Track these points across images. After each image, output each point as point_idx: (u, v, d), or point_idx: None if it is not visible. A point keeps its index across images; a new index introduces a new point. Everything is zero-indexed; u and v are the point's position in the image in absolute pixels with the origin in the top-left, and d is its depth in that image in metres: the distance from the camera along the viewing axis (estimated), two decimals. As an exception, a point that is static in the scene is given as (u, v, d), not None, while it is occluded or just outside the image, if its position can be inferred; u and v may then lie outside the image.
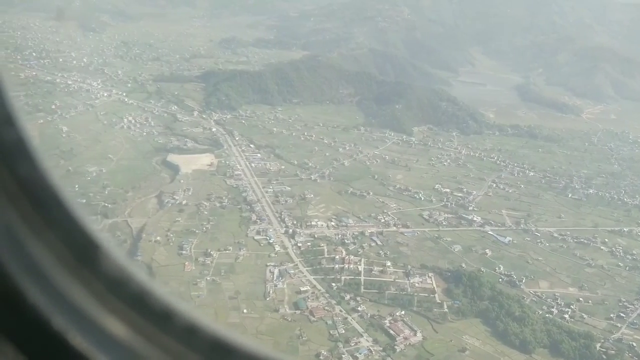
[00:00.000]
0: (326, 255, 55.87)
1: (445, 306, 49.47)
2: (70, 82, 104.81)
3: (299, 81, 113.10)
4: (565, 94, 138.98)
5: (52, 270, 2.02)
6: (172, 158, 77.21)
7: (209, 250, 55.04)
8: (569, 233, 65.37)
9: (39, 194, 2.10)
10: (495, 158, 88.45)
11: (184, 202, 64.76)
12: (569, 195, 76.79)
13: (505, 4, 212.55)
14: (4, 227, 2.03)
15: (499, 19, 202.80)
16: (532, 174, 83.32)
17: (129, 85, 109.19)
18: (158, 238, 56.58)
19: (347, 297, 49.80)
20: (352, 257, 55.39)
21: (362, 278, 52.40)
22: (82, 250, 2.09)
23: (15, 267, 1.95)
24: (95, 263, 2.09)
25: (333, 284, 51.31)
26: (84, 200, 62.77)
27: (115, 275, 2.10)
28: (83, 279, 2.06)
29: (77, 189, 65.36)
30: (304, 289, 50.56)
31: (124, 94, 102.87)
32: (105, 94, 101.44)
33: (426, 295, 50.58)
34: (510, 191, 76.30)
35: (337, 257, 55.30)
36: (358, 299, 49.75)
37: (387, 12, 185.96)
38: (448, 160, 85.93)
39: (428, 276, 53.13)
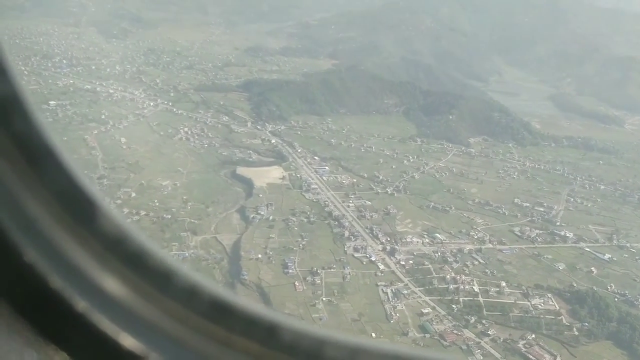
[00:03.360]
0: (435, 275, 53.98)
1: (574, 329, 47.77)
2: (111, 91, 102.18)
3: (344, 91, 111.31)
4: (600, 104, 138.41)
5: (47, 228, 1.95)
6: (242, 171, 74.98)
7: (314, 268, 52.98)
8: (663, 249, 64.20)
9: (33, 150, 1.96)
10: (561, 171, 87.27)
11: (270, 217, 62.60)
12: (648, 210, 75.87)
13: (522, 14, 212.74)
14: None
15: (517, 28, 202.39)
16: (602, 187, 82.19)
17: (172, 94, 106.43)
18: (259, 256, 54.44)
19: (472, 319, 47.94)
20: (463, 276, 53.53)
21: (482, 299, 50.56)
22: (78, 208, 1.99)
23: (11, 225, 1.90)
24: (92, 221, 1.99)
25: (453, 306, 49.45)
26: (169, 217, 60.78)
27: (113, 234, 2.00)
28: (80, 238, 1.99)
29: (157, 204, 63.30)
30: (426, 311, 48.63)
31: (170, 104, 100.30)
32: (152, 104, 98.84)
33: (552, 317, 48.87)
34: (589, 205, 75.05)
35: (447, 276, 53.41)
36: (484, 321, 47.90)
37: (409, 20, 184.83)
38: (516, 173, 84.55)
39: (548, 297, 51.43)
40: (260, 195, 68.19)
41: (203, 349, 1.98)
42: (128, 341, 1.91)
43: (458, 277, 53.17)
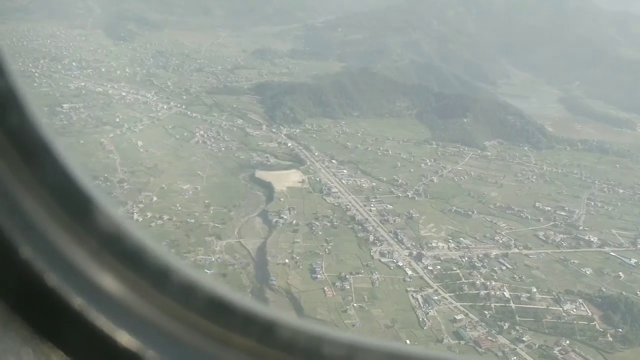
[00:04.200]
0: (464, 280, 53.57)
1: (608, 334, 47.39)
2: (124, 94, 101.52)
3: (357, 93, 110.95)
4: (609, 107, 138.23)
5: (43, 225, 1.98)
6: (260, 175, 74.56)
7: (342, 273, 52.54)
8: (688, 254, 63.85)
9: (29, 147, 1.98)
10: (578, 174, 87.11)
11: (293, 221, 62.15)
12: (669, 214, 75.52)
13: (526, 16, 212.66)
14: None
15: (522, 30, 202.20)
16: (621, 191, 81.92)
17: (184, 97, 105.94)
18: (286, 261, 53.97)
19: (506, 325, 47.53)
20: (493, 282, 53.11)
21: (513, 305, 50.15)
22: (75, 205, 2.02)
23: (6, 222, 1.92)
24: (88, 218, 2.01)
25: (485, 312, 49.03)
26: (193, 221, 60.31)
27: (110, 231, 2.02)
28: (76, 235, 2.01)
29: (179, 208, 62.81)
30: (459, 317, 48.19)
31: (184, 107, 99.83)
32: (165, 107, 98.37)
33: (585, 323, 48.51)
34: (609, 209, 74.74)
35: (477, 282, 53.00)
36: (517, 327, 47.50)
37: (415, 23, 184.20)
38: (534, 177, 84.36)
39: (579, 302, 51.06)
40: (282, 199, 67.76)
41: (200, 347, 1.96)
42: (125, 339, 1.90)
43: (488, 283, 52.76)
